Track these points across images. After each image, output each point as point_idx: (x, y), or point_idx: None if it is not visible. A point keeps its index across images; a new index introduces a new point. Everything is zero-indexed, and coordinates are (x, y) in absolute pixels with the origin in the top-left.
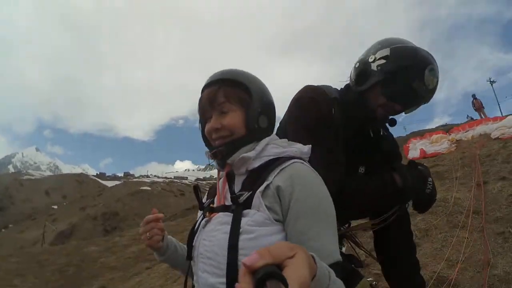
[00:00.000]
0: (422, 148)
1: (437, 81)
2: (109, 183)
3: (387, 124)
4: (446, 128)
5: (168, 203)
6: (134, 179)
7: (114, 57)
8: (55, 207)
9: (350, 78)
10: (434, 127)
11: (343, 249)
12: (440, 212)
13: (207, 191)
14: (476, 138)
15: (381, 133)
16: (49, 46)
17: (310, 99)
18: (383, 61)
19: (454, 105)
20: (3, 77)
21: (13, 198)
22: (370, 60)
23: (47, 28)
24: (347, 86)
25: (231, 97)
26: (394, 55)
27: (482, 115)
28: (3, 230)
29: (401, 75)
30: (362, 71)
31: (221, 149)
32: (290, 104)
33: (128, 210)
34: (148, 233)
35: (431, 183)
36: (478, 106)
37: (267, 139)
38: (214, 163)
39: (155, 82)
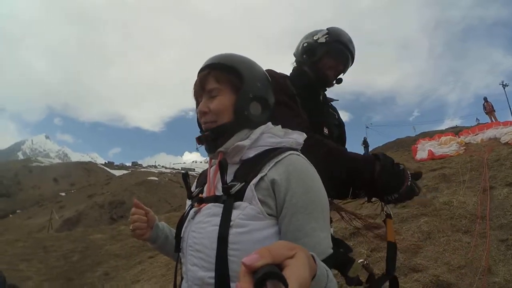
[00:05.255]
0: (430, 149)
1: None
2: (117, 172)
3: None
4: (456, 130)
5: (175, 193)
6: (142, 169)
7: (126, 49)
8: (63, 194)
9: (299, 55)
10: (444, 128)
11: (331, 230)
12: (444, 215)
13: (196, 179)
14: (486, 142)
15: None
16: (60, 38)
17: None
18: (326, 36)
19: (465, 107)
20: (14, 67)
21: (22, 184)
22: (315, 38)
23: (57, 20)
24: (295, 67)
25: (222, 81)
26: (333, 32)
27: (492, 118)
28: (10, 215)
29: (340, 42)
30: (312, 45)
31: (207, 134)
32: None
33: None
34: (131, 226)
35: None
36: (489, 109)
37: (262, 127)
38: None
39: (167, 74)
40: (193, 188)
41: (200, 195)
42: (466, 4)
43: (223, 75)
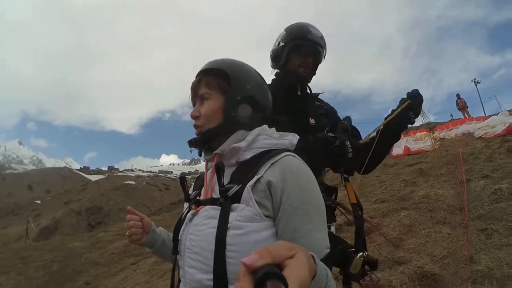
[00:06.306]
0: (406, 145)
1: (320, 32)
2: (93, 177)
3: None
4: (430, 127)
5: (153, 197)
6: (119, 173)
7: (102, 50)
8: (39, 201)
9: (271, 64)
10: (418, 124)
11: (332, 228)
12: (424, 208)
13: (193, 183)
14: (460, 137)
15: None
16: (35, 37)
17: None
18: (283, 37)
19: (438, 104)
20: None
21: None
22: (277, 44)
23: (33, 19)
24: (276, 73)
25: (212, 86)
26: (289, 31)
27: (465, 114)
28: None
29: (299, 37)
30: (276, 52)
31: (196, 138)
32: None
33: (112, 205)
34: (127, 232)
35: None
36: (462, 105)
37: (258, 129)
38: (203, 154)
39: (144, 75)
40: (190, 191)
41: (197, 198)
42: (442, 4)
43: (213, 79)
